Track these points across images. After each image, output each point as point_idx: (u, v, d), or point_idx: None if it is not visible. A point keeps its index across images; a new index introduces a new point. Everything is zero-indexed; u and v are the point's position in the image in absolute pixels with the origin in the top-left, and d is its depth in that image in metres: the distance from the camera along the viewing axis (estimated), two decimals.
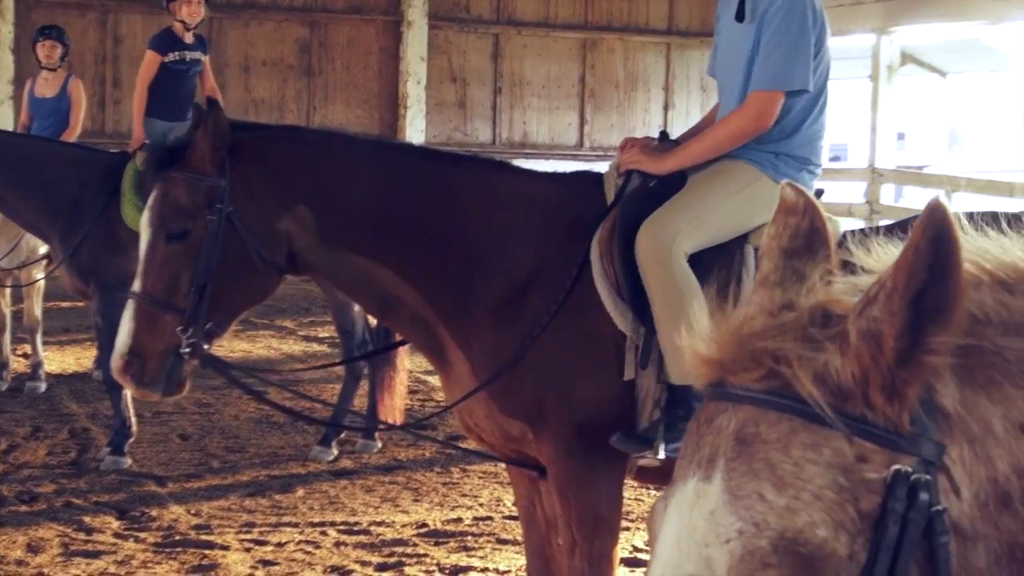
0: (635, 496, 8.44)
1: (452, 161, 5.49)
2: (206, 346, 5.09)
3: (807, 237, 2.15)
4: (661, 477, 5.20)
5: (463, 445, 7.22)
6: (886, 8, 17.79)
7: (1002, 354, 2.00)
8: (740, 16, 5.21)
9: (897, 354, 1.87)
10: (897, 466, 1.87)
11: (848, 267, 2.14)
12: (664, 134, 5.52)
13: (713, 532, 1.86)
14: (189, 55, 10.75)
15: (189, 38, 10.77)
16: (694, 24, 20.69)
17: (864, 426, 1.90)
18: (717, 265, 5.02)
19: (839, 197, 19.39)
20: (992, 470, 1.93)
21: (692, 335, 2.04)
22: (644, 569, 6.73)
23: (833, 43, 5.33)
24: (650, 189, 5.12)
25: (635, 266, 4.94)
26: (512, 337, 5.04)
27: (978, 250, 2.07)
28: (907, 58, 18.46)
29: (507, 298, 5.09)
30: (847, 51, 18.69)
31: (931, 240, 1.83)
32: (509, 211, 5.23)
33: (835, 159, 33.78)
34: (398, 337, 6.78)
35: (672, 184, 5.13)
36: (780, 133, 5.17)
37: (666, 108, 21.38)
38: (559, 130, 20.95)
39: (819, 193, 5.31)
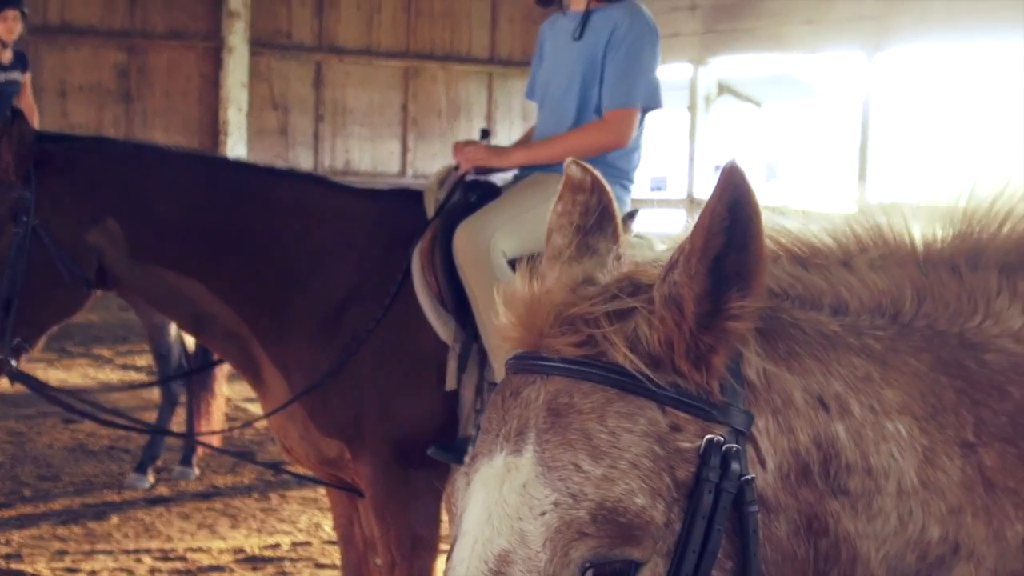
0: None
1: (268, 175, 5.40)
2: (14, 362, 4.92)
3: (597, 214, 2.18)
4: None
5: (287, 468, 7.09)
6: (703, 40, 18.06)
7: (800, 327, 2.02)
8: (580, 34, 5.24)
9: (698, 318, 1.88)
10: (710, 436, 1.88)
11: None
12: (485, 132, 5.54)
13: (526, 505, 1.85)
14: (4, 76, 10.43)
15: (6, 57, 10.45)
16: (516, 53, 20.77)
17: (676, 395, 1.90)
18: None
19: (659, 227, 19.60)
20: (794, 442, 1.95)
21: (500, 306, 2.02)
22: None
23: None
24: (471, 203, 5.11)
25: (457, 274, 4.91)
26: (329, 354, 4.97)
27: (775, 226, 2.09)
28: (724, 89, 18.76)
29: (325, 315, 5.01)
30: (665, 81, 18.94)
31: (728, 205, 1.83)
32: (327, 226, 5.16)
33: (656, 189, 34.24)
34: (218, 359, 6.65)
35: (490, 199, 5.13)
36: None
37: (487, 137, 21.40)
38: (382, 158, 20.86)
39: (633, 214, 5.35)
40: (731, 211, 1.83)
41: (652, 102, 5.20)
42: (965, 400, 2.07)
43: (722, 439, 1.88)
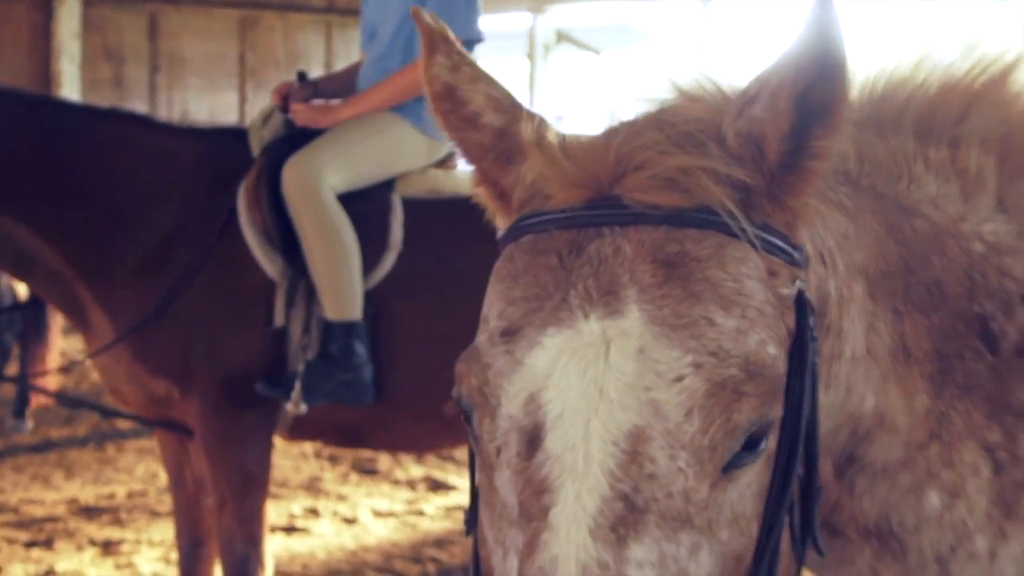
0: (293, 465, 8.39)
1: (88, 114, 5.31)
2: None
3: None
4: (317, 433, 5.17)
5: (120, 412, 7.02)
6: None
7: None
8: None
9: (781, 158, 1.75)
10: (799, 282, 1.77)
11: None
12: (302, 75, 5.51)
13: (652, 372, 1.62)
14: None
15: None
16: (354, 2, 20.52)
17: (771, 239, 1.76)
18: (365, 211, 5.01)
19: None
20: (812, 296, 1.85)
21: (549, 156, 1.79)
22: (303, 536, 6.69)
23: (489, 21, 5.41)
24: (293, 136, 5.08)
25: (284, 210, 4.88)
26: (155, 294, 4.91)
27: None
28: (562, 37, 18.82)
29: (149, 254, 4.95)
30: (503, 30, 18.97)
31: (821, 34, 1.69)
32: (150, 165, 5.09)
33: None
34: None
35: (315, 133, 5.10)
36: None
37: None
38: (220, 109, 20.58)
39: (453, 155, 5.38)
40: (824, 40, 1.69)
41: (472, 34, 5.20)
42: (902, 267, 2.06)
43: (803, 285, 1.77)
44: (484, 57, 5.48)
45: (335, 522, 7.36)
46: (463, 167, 5.46)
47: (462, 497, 7.87)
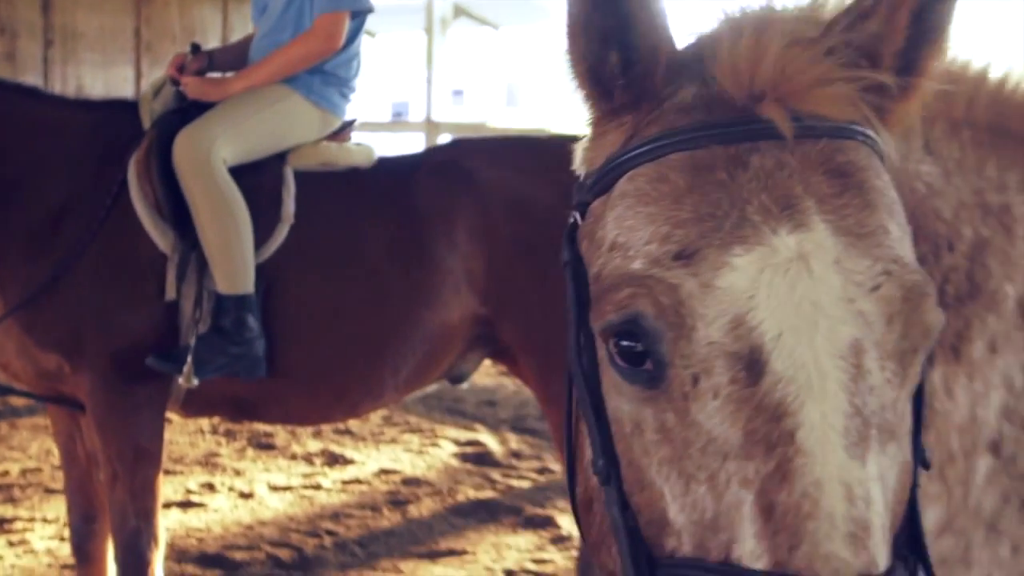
0: (189, 441, 8.35)
1: None
2: None
3: None
4: (210, 407, 5.15)
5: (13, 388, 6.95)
6: None
7: None
8: None
9: (894, 74, 1.73)
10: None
11: None
12: (196, 46, 5.48)
13: (852, 283, 1.59)
14: None
15: None
16: None
17: (883, 149, 1.76)
18: (257, 184, 4.99)
19: (401, 151, 19.60)
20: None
21: (731, 54, 1.70)
22: (198, 511, 6.67)
23: None
24: (185, 109, 5.06)
25: (175, 183, 4.86)
26: (45, 267, 4.86)
27: None
28: (460, 11, 18.79)
29: (38, 227, 4.91)
30: (400, 4, 18.94)
31: None
32: (38, 137, 5.04)
33: (398, 116, 34.21)
34: None
35: (208, 106, 5.08)
36: None
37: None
38: (115, 84, 20.28)
39: (350, 124, 5.38)
40: None
41: (361, 5, 5.20)
42: None
43: None
44: (381, 31, 5.48)
45: (231, 497, 7.34)
46: (356, 139, 5.47)
47: (359, 470, 7.88)
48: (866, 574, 1.48)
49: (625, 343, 1.64)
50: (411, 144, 21.02)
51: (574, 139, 2.04)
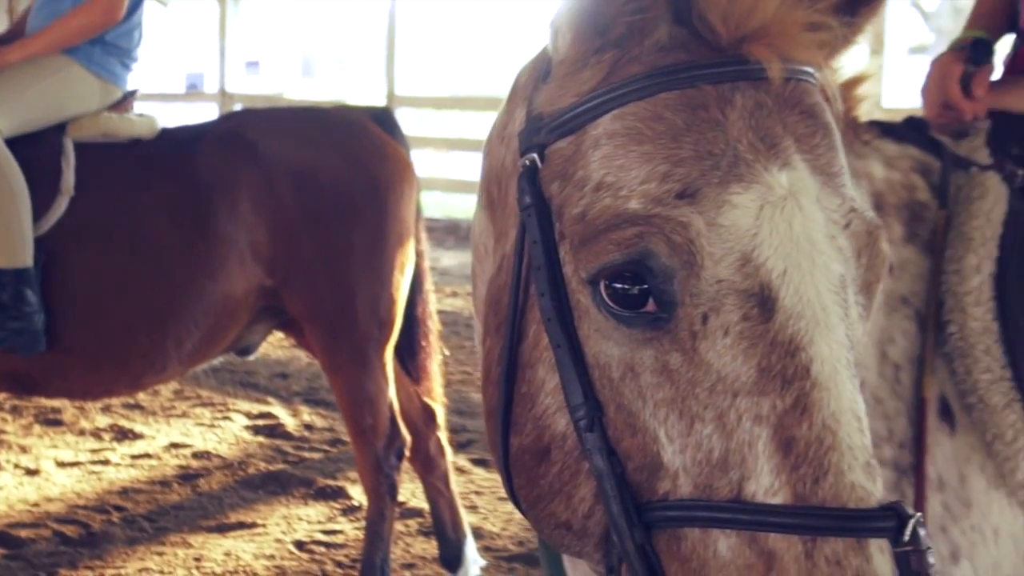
0: None
1: None
2: None
3: None
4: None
5: None
6: None
7: None
8: None
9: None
10: None
11: None
12: None
13: (830, 220, 1.63)
14: None
15: None
16: None
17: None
18: (35, 156, 4.92)
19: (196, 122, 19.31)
20: None
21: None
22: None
23: None
24: None
25: None
26: None
27: None
28: None
29: None
30: None
31: None
32: None
33: (192, 87, 33.68)
34: None
35: None
36: None
37: None
38: None
39: (131, 94, 5.33)
40: None
41: None
42: None
43: None
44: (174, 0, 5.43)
45: (17, 474, 7.22)
46: (142, 109, 5.42)
47: (149, 445, 7.81)
48: (884, 501, 1.52)
49: (619, 285, 1.62)
50: (205, 116, 20.75)
51: (363, 110, 2.05)
